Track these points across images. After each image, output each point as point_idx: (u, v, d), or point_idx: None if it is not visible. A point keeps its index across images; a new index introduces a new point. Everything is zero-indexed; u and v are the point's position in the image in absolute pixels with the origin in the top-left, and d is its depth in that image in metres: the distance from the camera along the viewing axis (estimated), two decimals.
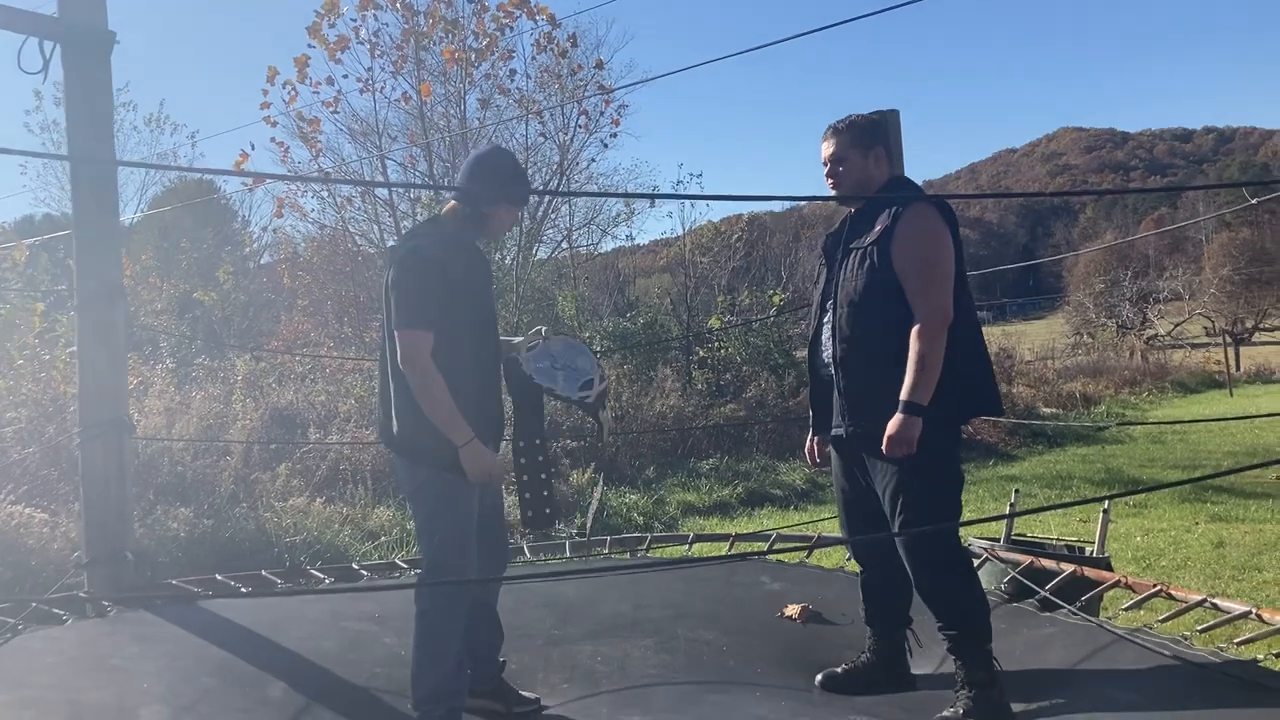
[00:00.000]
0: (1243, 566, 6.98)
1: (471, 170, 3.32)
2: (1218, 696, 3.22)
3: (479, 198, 3.28)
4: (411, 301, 3.10)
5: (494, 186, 3.27)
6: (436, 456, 3.13)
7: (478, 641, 3.38)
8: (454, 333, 3.14)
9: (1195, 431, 15.65)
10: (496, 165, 3.35)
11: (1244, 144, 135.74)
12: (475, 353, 3.24)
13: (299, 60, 15.39)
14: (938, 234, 3.28)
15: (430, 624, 3.19)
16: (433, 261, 3.14)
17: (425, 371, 3.07)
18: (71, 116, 4.78)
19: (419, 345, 3.07)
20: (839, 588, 4.62)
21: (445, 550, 3.22)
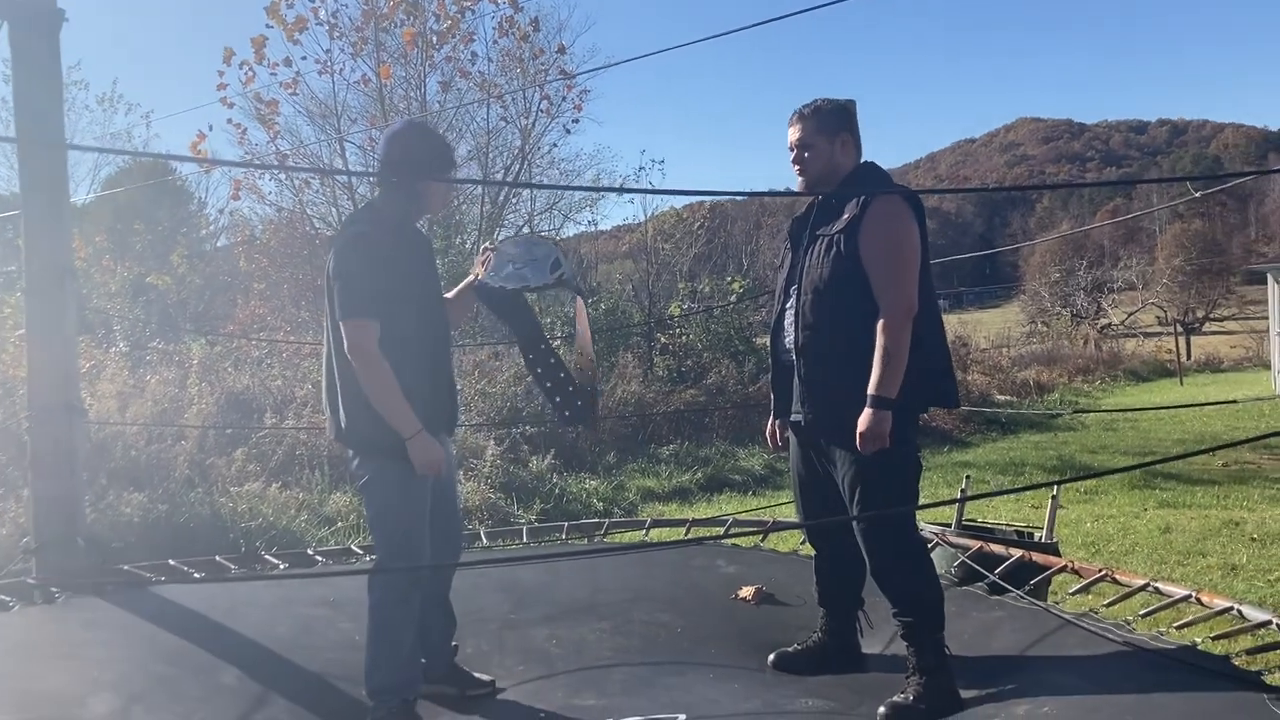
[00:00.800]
0: (1188, 551, 7.14)
1: (391, 149, 3.26)
2: (1158, 679, 3.29)
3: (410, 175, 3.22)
4: (356, 290, 3.05)
5: (421, 160, 3.21)
6: (387, 447, 3.09)
7: (430, 629, 3.37)
8: (401, 320, 3.10)
9: (1146, 419, 15.92)
10: (416, 138, 3.32)
11: (1196, 136, 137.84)
12: (423, 339, 3.20)
13: (256, 41, 15.16)
14: (905, 225, 3.29)
15: (384, 616, 3.17)
16: (376, 247, 3.10)
17: (372, 360, 3.02)
18: (19, 96, 4.68)
19: (365, 334, 3.02)
20: (793, 570, 4.66)
21: (399, 543, 3.20)
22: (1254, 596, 5.65)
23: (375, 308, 3.03)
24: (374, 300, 3.04)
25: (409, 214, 3.32)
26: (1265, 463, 11.43)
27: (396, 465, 3.11)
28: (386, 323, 3.05)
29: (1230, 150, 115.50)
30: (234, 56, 15.29)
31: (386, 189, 3.29)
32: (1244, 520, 8.13)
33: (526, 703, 3.43)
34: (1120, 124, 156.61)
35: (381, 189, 3.31)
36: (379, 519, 3.25)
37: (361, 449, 3.18)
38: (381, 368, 3.02)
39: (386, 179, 3.26)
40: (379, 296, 3.05)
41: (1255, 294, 45.41)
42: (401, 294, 3.11)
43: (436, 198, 3.35)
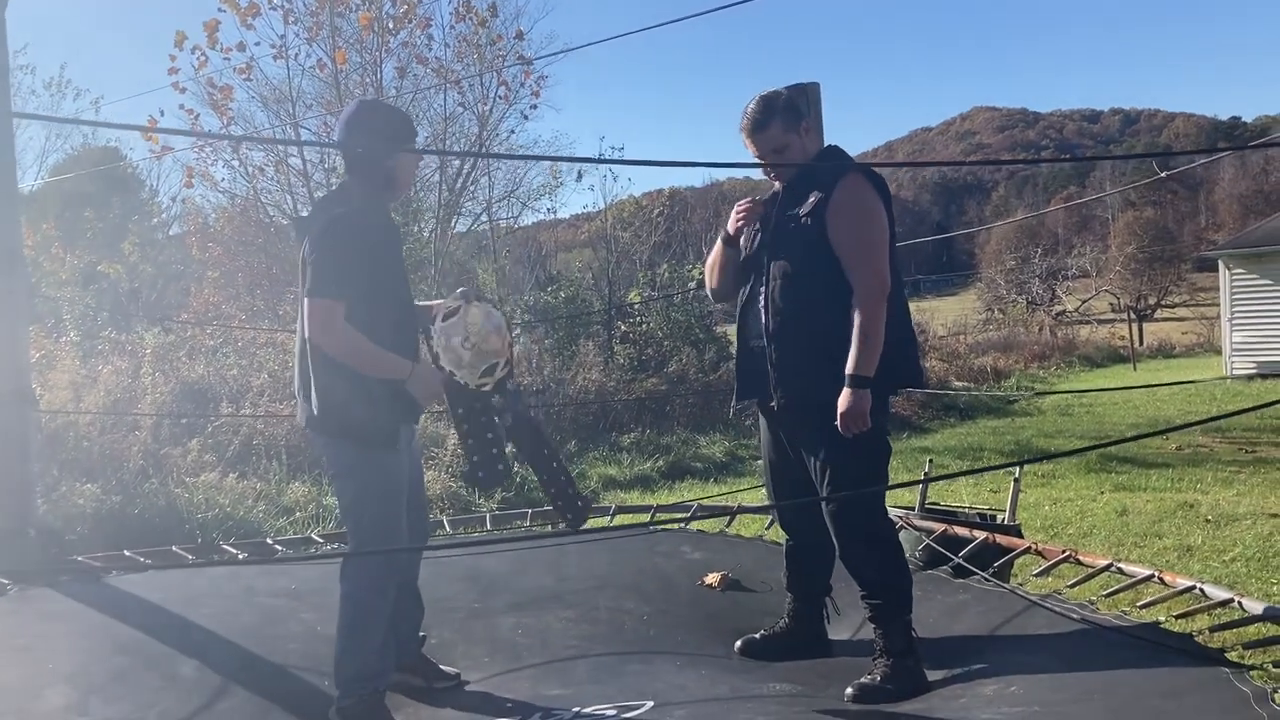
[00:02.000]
0: (1144, 533, 7.23)
1: (353, 130, 3.17)
2: (1123, 658, 3.33)
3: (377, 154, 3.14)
4: (327, 271, 2.98)
5: (386, 138, 3.14)
6: (362, 433, 3.05)
7: (398, 617, 3.31)
8: (374, 304, 3.04)
9: (1101, 404, 16.14)
10: (377, 116, 3.26)
11: (1149, 125, 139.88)
12: (396, 323, 3.15)
13: (209, 25, 14.91)
14: (872, 205, 3.28)
15: (356, 607, 3.11)
16: (355, 230, 3.04)
17: (343, 334, 2.97)
18: None
19: (332, 313, 2.96)
20: (759, 556, 4.67)
21: (373, 533, 3.13)
22: (1210, 576, 5.73)
23: (343, 290, 2.97)
24: (344, 282, 2.98)
25: (383, 195, 3.26)
26: (1218, 445, 11.62)
27: (373, 452, 3.06)
28: (359, 307, 2.99)
29: (1182, 139, 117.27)
30: (186, 41, 15.02)
31: (356, 173, 3.21)
32: (1198, 502, 8.25)
33: (493, 693, 3.39)
34: (1074, 113, 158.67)
35: (351, 173, 3.22)
36: (353, 508, 3.17)
37: (337, 436, 3.11)
38: (351, 335, 2.97)
39: (354, 162, 3.19)
40: (351, 280, 2.99)
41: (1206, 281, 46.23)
42: (376, 279, 3.06)
43: (407, 173, 3.29)
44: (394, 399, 3.07)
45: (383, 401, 3.06)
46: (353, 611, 3.11)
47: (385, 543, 3.12)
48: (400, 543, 3.17)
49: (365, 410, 3.03)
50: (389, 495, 3.13)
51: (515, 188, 23.87)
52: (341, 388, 3.03)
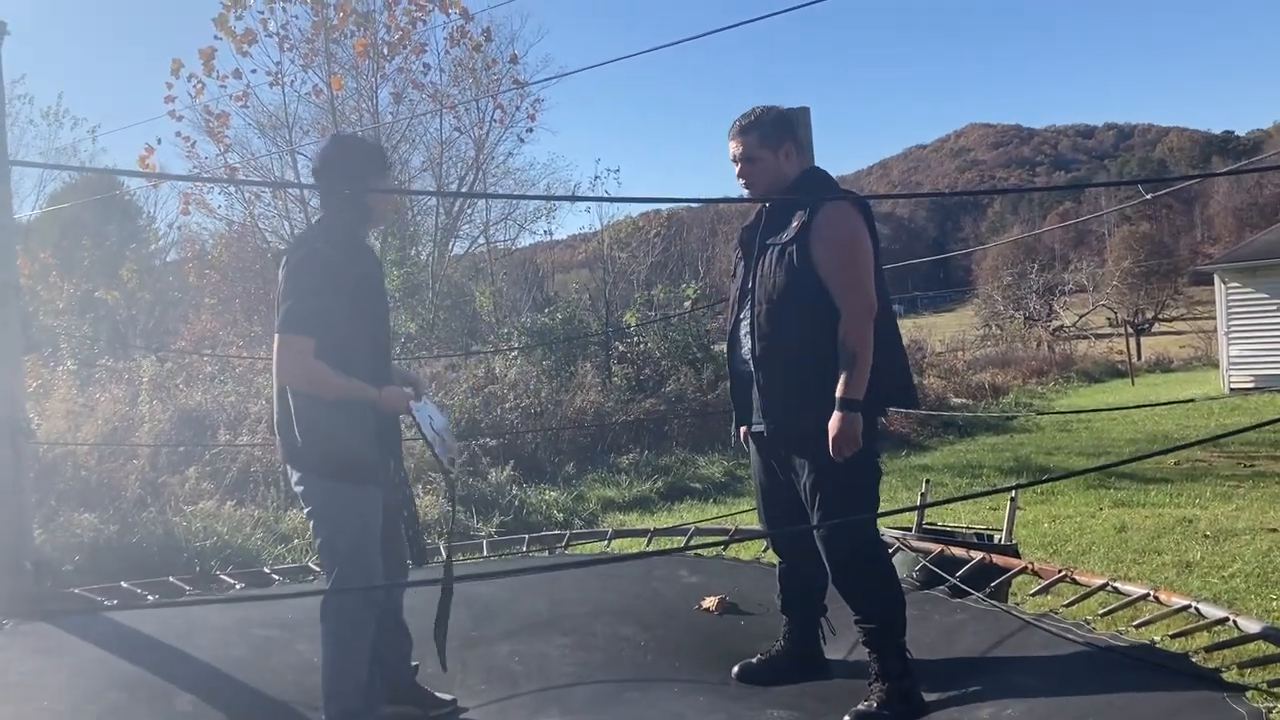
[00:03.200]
0: (1143, 550, 7.22)
1: (330, 165, 3.20)
2: (1119, 679, 3.32)
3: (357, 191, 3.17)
4: (298, 307, 3.00)
5: (361, 169, 3.17)
6: (345, 467, 3.06)
7: (386, 649, 3.31)
8: (349, 340, 3.05)
9: (1099, 420, 16.14)
10: (352, 149, 3.28)
11: (1143, 140, 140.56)
12: (370, 360, 3.15)
13: (205, 53, 14.97)
14: (855, 228, 3.28)
15: (339, 642, 3.10)
16: (330, 267, 3.05)
17: (309, 369, 2.98)
18: None
19: (300, 349, 2.98)
20: (755, 578, 4.66)
21: (352, 566, 3.12)
22: (1209, 592, 5.73)
23: (314, 326, 2.98)
24: (314, 319, 2.99)
25: (360, 227, 3.28)
26: (1217, 460, 11.61)
27: (348, 487, 3.06)
28: (333, 342, 3.00)
29: (1175, 153, 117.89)
30: (182, 69, 15.08)
31: (332, 206, 3.23)
32: (1197, 518, 8.24)
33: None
34: (1068, 128, 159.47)
35: (327, 207, 3.24)
36: (331, 543, 3.15)
37: (312, 471, 3.11)
38: (317, 369, 2.98)
39: (331, 195, 3.21)
40: (323, 316, 2.99)
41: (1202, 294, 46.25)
42: (350, 313, 3.06)
43: (385, 204, 3.32)
44: (375, 433, 3.09)
45: (364, 435, 3.08)
46: (334, 649, 3.10)
47: (362, 577, 3.10)
48: (377, 576, 3.16)
49: (348, 444, 3.04)
50: (365, 530, 3.13)
51: (512, 210, 24.00)
52: (324, 422, 3.04)
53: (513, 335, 16.47)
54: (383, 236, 16.86)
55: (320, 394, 3.01)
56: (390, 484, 3.29)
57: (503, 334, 17.04)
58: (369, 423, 3.07)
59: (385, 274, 3.48)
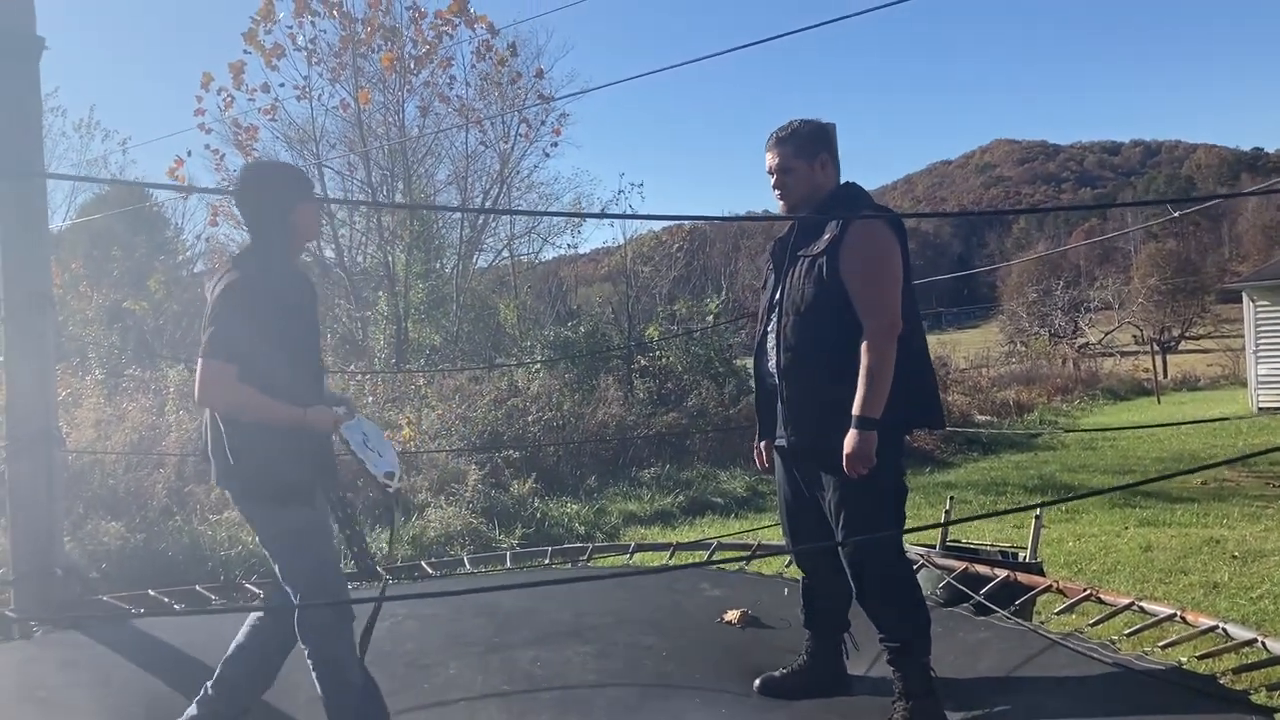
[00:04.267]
0: (1169, 570, 7.16)
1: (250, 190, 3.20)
2: (1145, 700, 3.30)
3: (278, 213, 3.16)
4: (221, 332, 2.98)
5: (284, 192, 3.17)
6: (278, 491, 3.05)
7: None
8: (273, 367, 3.04)
9: (1125, 438, 16.01)
10: (269, 173, 3.31)
11: (1170, 157, 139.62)
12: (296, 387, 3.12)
13: (234, 66, 15.16)
14: (887, 245, 3.27)
15: (325, 663, 3.10)
16: (256, 292, 3.04)
17: (230, 394, 2.98)
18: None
19: (221, 374, 2.96)
20: (778, 593, 4.66)
21: (316, 585, 3.09)
22: (1236, 614, 5.67)
23: (236, 352, 2.98)
24: (237, 344, 2.98)
25: (289, 251, 3.26)
26: (1244, 480, 11.50)
27: (288, 509, 3.06)
28: (257, 370, 2.99)
29: (1203, 170, 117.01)
30: (212, 82, 15.27)
31: (258, 233, 3.22)
32: (1224, 538, 8.17)
33: None
34: (1094, 145, 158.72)
35: (253, 234, 3.23)
36: (290, 567, 3.13)
37: (247, 497, 3.12)
38: (239, 390, 2.97)
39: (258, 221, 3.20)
40: (247, 341, 2.99)
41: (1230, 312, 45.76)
42: (278, 338, 3.06)
43: (311, 224, 3.28)
44: (307, 453, 3.08)
45: (296, 457, 3.05)
46: (323, 666, 3.09)
47: (329, 589, 3.08)
48: (341, 588, 3.15)
49: (280, 467, 3.03)
50: (317, 547, 3.11)
51: (536, 224, 24.08)
52: (255, 446, 3.03)
53: (536, 348, 16.52)
54: (408, 250, 16.98)
55: (245, 417, 3.01)
56: (328, 504, 3.25)
57: (526, 347, 17.10)
58: (300, 444, 3.06)
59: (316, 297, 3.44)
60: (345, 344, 16.70)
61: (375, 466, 3.21)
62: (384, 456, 3.28)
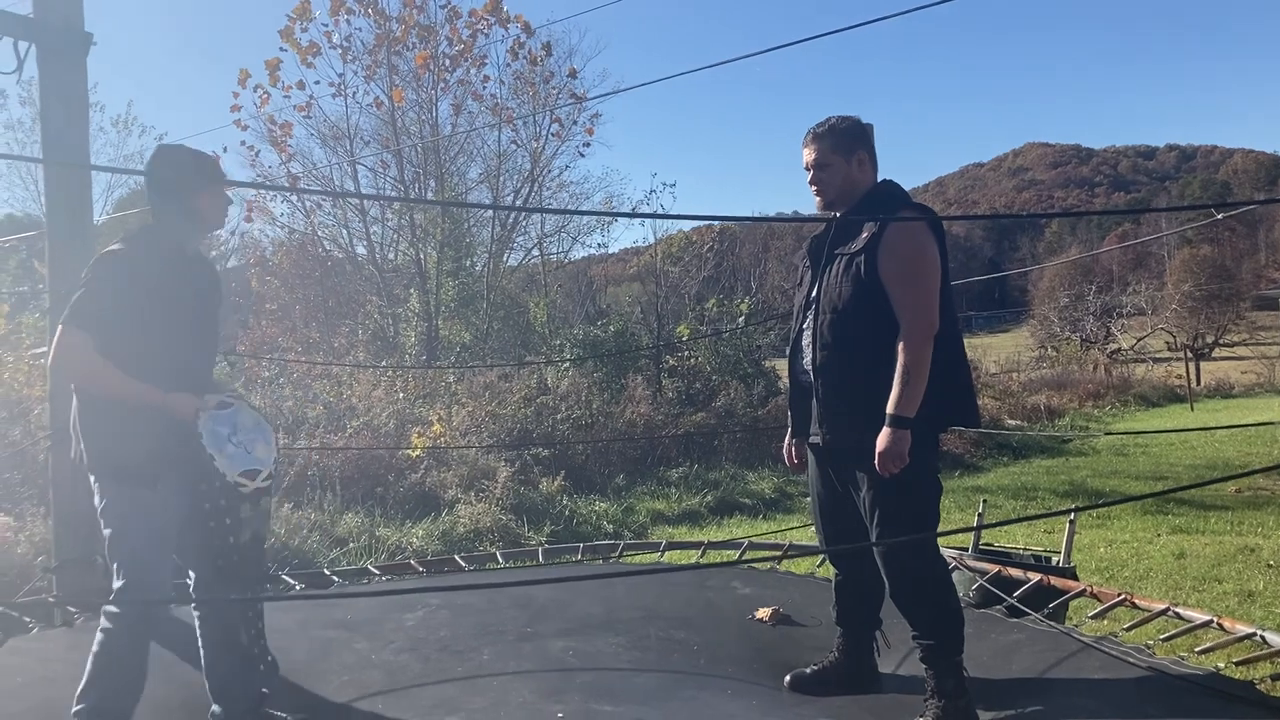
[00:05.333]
0: (1203, 577, 7.09)
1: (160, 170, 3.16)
2: (1180, 704, 3.28)
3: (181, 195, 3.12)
4: (86, 303, 2.93)
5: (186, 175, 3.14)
6: (120, 469, 3.00)
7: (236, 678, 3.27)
8: (147, 348, 2.99)
9: (1157, 444, 15.87)
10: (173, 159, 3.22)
11: (1206, 162, 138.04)
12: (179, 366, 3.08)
13: (270, 63, 15.34)
14: (925, 244, 3.26)
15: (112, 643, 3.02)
16: (136, 272, 2.99)
17: (86, 365, 2.92)
18: (46, 118, 4.73)
19: (76, 344, 2.90)
20: (809, 592, 4.67)
21: (134, 571, 3.02)
22: (1272, 623, 5.60)
23: (97, 324, 2.92)
24: (97, 317, 2.92)
25: (188, 235, 3.22)
26: (1279, 488, 11.37)
27: (132, 490, 3.00)
28: (120, 346, 2.94)
29: (1240, 175, 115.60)
30: (249, 79, 15.44)
31: (160, 213, 3.18)
32: (1259, 546, 8.08)
33: (543, 705, 3.44)
34: (1128, 149, 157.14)
35: (155, 214, 3.19)
36: (115, 545, 3.05)
37: (97, 474, 3.06)
38: (92, 362, 2.91)
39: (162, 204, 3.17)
40: (114, 316, 2.94)
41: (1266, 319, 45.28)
42: (148, 319, 2.99)
43: (214, 212, 3.23)
44: (151, 438, 2.99)
45: (148, 438, 2.99)
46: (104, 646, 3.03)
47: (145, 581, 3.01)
48: (165, 580, 3.08)
49: (127, 447, 2.98)
50: (149, 535, 3.03)
51: (566, 223, 24.14)
52: (104, 423, 3.00)
53: (565, 347, 16.57)
54: (439, 248, 17.08)
55: (97, 390, 2.97)
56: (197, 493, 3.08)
57: (555, 345, 17.16)
58: (149, 426, 2.98)
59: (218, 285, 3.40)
60: (376, 340, 16.82)
61: (230, 462, 3.03)
62: (250, 453, 3.09)
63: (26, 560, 6.33)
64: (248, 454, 3.07)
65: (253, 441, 3.11)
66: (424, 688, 3.65)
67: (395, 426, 11.20)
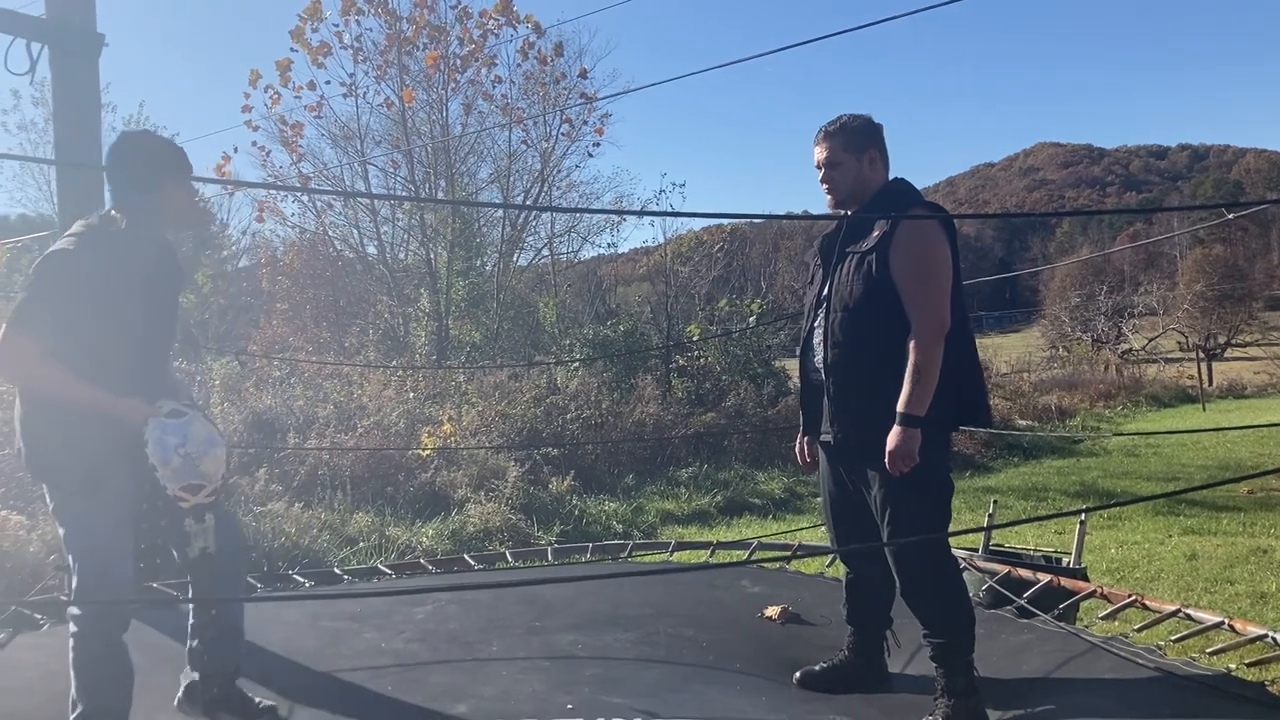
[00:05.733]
0: (1215, 579, 7.06)
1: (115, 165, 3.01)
2: (1190, 705, 3.28)
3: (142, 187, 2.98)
4: (30, 306, 2.81)
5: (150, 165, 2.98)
6: (65, 477, 2.91)
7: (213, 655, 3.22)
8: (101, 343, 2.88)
9: (1169, 445, 15.80)
10: (136, 147, 3.06)
11: (1218, 161, 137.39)
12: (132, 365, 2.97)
13: (281, 64, 15.41)
14: (937, 243, 3.26)
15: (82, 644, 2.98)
16: (80, 270, 2.85)
17: (31, 370, 2.82)
18: (59, 118, 4.77)
19: (20, 349, 2.79)
20: (819, 591, 4.67)
21: (93, 576, 2.96)
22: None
23: (42, 327, 2.80)
24: (42, 320, 2.81)
25: (149, 226, 3.05)
26: None
27: (84, 493, 2.91)
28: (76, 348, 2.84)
29: (1252, 175, 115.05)
30: (260, 79, 15.49)
31: (119, 204, 3.03)
32: (1272, 548, 8.04)
33: (552, 696, 3.45)
34: (1140, 149, 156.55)
35: (115, 205, 3.03)
36: (70, 544, 2.99)
37: (46, 479, 2.98)
38: (39, 366, 2.81)
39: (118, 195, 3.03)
40: (61, 319, 2.82)
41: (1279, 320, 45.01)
42: (102, 319, 2.88)
43: (178, 206, 3.09)
44: (94, 444, 2.89)
45: (85, 445, 2.88)
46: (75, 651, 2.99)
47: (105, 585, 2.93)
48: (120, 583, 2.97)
49: (67, 454, 2.89)
50: (104, 533, 2.95)
51: (576, 223, 24.15)
52: (44, 429, 2.91)
53: (575, 347, 16.58)
54: (450, 247, 17.11)
55: (46, 394, 2.87)
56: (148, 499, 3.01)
57: (565, 345, 17.17)
58: (92, 432, 2.87)
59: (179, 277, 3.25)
60: (387, 340, 16.86)
61: (174, 475, 2.92)
62: (197, 466, 2.95)
63: (39, 559, 6.36)
64: (194, 468, 2.95)
65: (201, 455, 2.97)
66: (433, 676, 3.68)
67: (405, 426, 11.23)
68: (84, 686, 2.99)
